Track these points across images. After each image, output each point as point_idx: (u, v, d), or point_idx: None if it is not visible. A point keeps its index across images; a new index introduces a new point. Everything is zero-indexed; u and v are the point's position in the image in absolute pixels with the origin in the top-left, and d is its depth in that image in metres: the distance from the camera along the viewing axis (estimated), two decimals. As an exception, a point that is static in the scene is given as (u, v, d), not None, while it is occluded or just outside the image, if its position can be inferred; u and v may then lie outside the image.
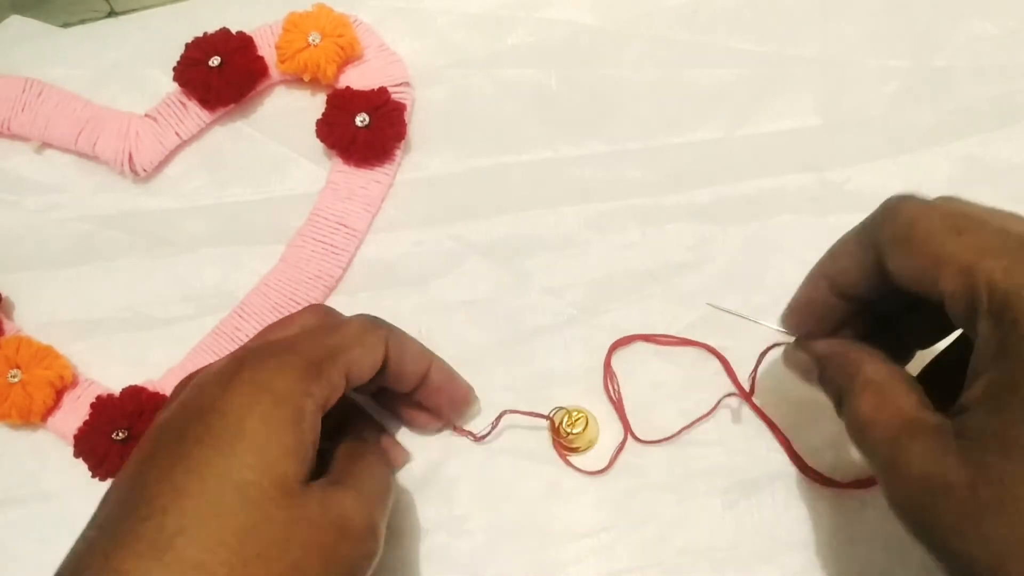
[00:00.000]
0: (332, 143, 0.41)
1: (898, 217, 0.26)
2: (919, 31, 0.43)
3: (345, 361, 0.30)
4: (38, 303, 0.41)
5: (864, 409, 0.27)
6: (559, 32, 0.44)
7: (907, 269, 0.26)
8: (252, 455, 0.26)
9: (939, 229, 0.25)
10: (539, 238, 0.40)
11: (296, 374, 0.28)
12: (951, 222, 0.25)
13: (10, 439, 0.39)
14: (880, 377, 0.28)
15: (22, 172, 0.43)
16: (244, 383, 0.27)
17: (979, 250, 0.24)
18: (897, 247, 0.26)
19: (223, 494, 0.25)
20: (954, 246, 0.25)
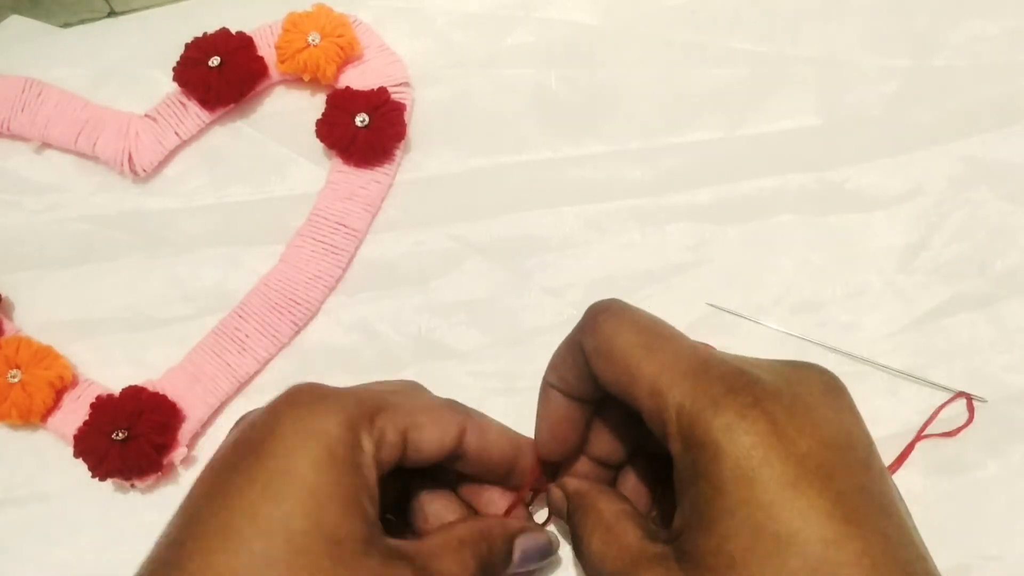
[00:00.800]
0: (332, 143, 0.41)
1: (598, 330, 0.27)
2: (919, 31, 0.43)
3: (403, 422, 0.28)
4: (38, 303, 0.41)
5: (595, 546, 0.28)
6: (559, 32, 0.44)
7: (609, 381, 0.27)
8: (305, 503, 0.24)
9: (633, 346, 0.26)
10: (539, 238, 0.40)
11: (348, 420, 0.26)
12: (644, 339, 0.26)
13: (10, 439, 0.39)
14: (610, 515, 0.29)
15: (22, 172, 0.43)
16: (295, 423, 0.26)
17: (667, 371, 0.25)
18: (598, 360, 0.27)
19: (273, 540, 0.23)
20: (646, 365, 0.26)
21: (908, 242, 0.39)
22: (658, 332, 0.27)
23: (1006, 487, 0.35)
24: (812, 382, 0.25)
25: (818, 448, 0.23)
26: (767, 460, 0.23)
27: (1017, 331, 0.37)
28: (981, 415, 0.35)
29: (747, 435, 0.23)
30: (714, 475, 0.23)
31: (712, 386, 0.24)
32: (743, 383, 0.24)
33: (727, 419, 0.23)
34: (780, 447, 0.23)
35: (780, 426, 0.23)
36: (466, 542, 0.29)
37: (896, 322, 0.38)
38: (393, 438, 0.28)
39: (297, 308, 0.39)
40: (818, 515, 0.22)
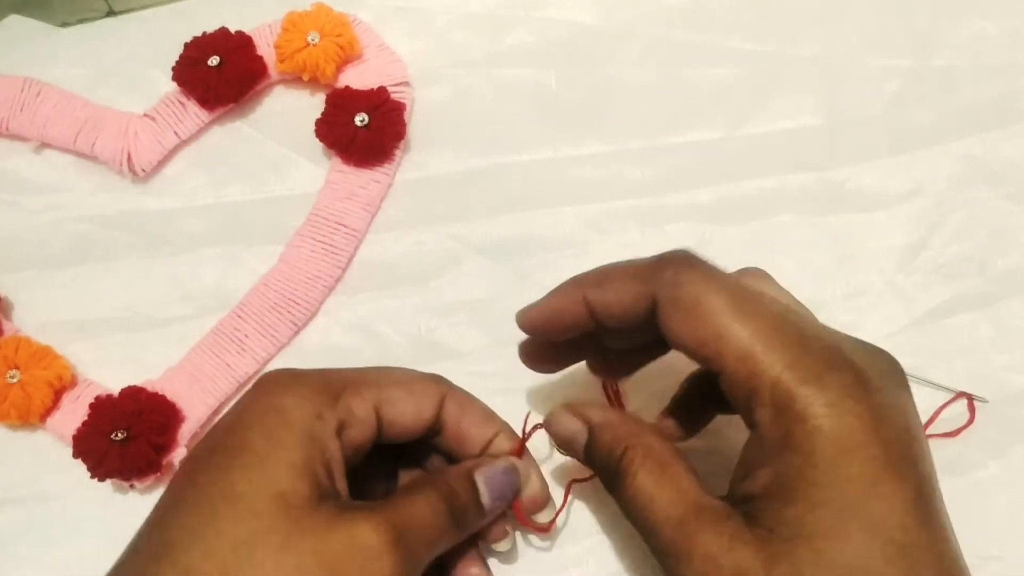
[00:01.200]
0: (331, 143, 0.41)
1: (679, 284, 0.26)
2: (919, 31, 0.43)
3: (374, 396, 0.29)
4: (37, 303, 0.41)
5: (647, 485, 0.27)
6: (559, 32, 0.44)
7: (686, 337, 0.26)
8: (252, 470, 0.25)
9: (723, 306, 0.26)
10: (539, 238, 0.40)
11: (307, 395, 0.27)
12: (736, 303, 0.26)
13: (9, 440, 0.38)
14: (660, 453, 0.28)
15: (21, 172, 0.43)
16: (257, 401, 0.28)
17: (762, 338, 0.25)
18: (676, 314, 0.26)
19: (217, 505, 0.25)
20: (738, 329, 0.25)
21: (908, 242, 0.39)
22: (747, 296, 0.26)
23: (1007, 487, 0.35)
24: (891, 369, 0.26)
25: (902, 435, 0.24)
26: (865, 442, 0.23)
27: (1017, 331, 0.37)
28: (982, 415, 0.35)
29: (849, 415, 0.24)
30: (809, 448, 0.23)
31: (814, 361, 0.24)
32: (843, 362, 0.25)
33: (831, 396, 0.24)
34: (875, 430, 0.24)
35: (877, 410, 0.24)
36: (430, 485, 0.29)
37: (896, 322, 0.38)
38: (363, 413, 0.28)
39: (296, 308, 0.39)
40: (902, 502, 0.23)
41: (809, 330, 0.26)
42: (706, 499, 0.26)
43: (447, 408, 0.31)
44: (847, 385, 0.24)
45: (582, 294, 0.29)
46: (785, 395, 0.24)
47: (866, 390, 0.24)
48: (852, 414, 0.24)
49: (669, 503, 0.26)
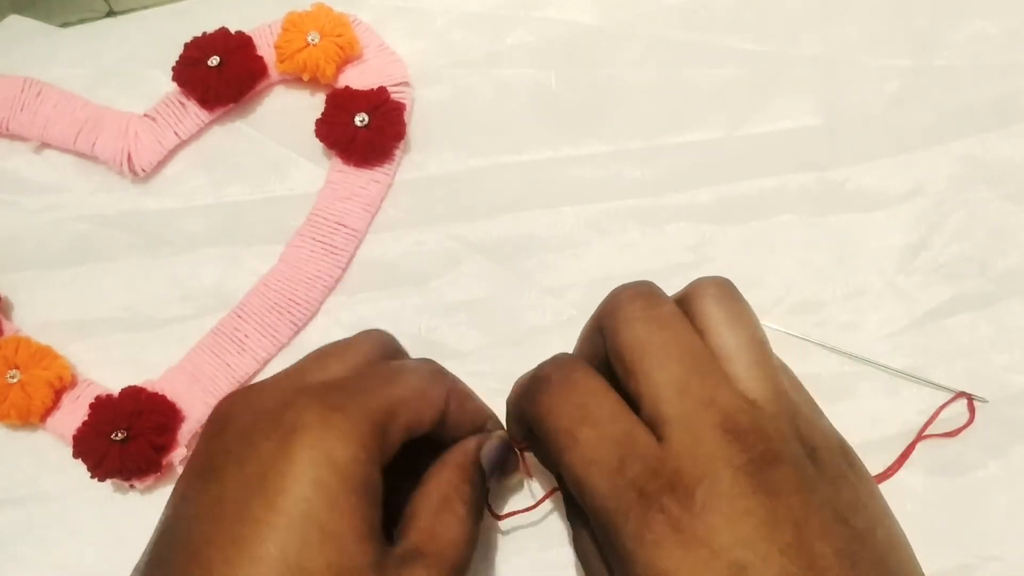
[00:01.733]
0: (331, 143, 0.41)
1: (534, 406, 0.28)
2: (919, 31, 0.43)
3: (407, 418, 0.27)
4: (37, 303, 0.41)
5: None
6: (559, 32, 0.44)
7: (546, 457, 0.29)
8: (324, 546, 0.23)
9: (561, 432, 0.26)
10: (539, 238, 0.40)
11: (360, 439, 0.25)
12: (570, 426, 0.26)
13: (9, 440, 0.38)
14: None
15: (21, 172, 0.43)
16: (306, 449, 0.24)
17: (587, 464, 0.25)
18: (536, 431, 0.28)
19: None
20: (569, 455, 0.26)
21: (908, 242, 0.39)
22: (586, 415, 0.26)
23: (1007, 487, 0.35)
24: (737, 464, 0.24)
25: (731, 544, 0.23)
26: (673, 568, 0.23)
27: (1017, 331, 0.37)
28: (982, 415, 0.35)
29: (652, 545, 0.23)
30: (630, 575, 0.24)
31: (625, 491, 0.24)
32: (655, 487, 0.24)
33: (635, 527, 0.23)
34: (687, 553, 0.23)
35: (687, 531, 0.23)
36: (451, 496, 0.28)
37: (896, 322, 0.38)
38: (398, 439, 0.27)
39: (296, 308, 0.39)
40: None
41: (639, 446, 0.25)
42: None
43: (450, 406, 0.30)
44: (650, 510, 0.23)
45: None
46: (603, 527, 0.25)
47: (674, 513, 0.23)
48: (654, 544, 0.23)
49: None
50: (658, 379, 0.25)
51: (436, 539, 0.27)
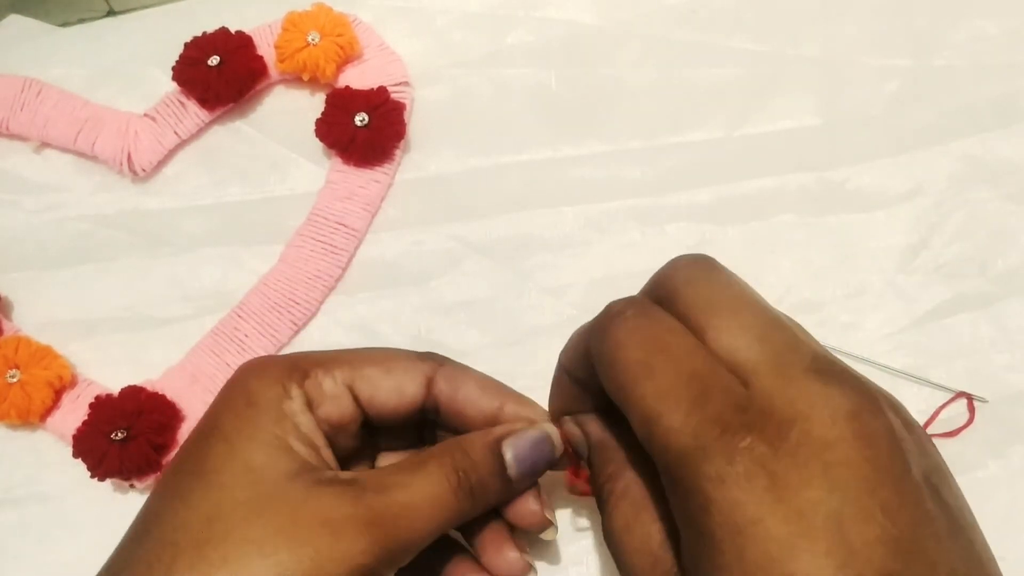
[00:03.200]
0: (331, 142, 0.41)
1: (605, 336, 0.25)
2: (919, 31, 0.43)
3: (346, 375, 0.29)
4: (37, 303, 0.41)
5: (617, 528, 0.26)
6: (559, 32, 0.44)
7: (612, 394, 0.25)
8: (221, 447, 0.26)
9: (633, 361, 0.24)
10: (539, 238, 0.40)
11: (274, 377, 0.28)
12: (646, 355, 0.23)
13: (9, 439, 0.38)
14: (636, 495, 0.26)
15: (21, 172, 0.43)
16: (229, 389, 0.28)
17: (661, 398, 0.22)
18: (600, 367, 0.25)
19: (190, 483, 0.25)
20: (641, 388, 0.23)
21: (908, 242, 0.39)
22: (664, 346, 0.23)
23: (1006, 487, 0.35)
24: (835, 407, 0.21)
25: (827, 495, 0.20)
26: (758, 517, 0.20)
27: (1017, 331, 0.37)
28: (981, 415, 0.35)
29: (736, 488, 0.20)
30: (704, 527, 0.21)
31: (705, 425, 0.21)
32: (740, 422, 0.21)
33: (716, 467, 0.21)
34: (776, 500, 0.20)
35: (778, 476, 0.20)
36: (432, 456, 0.27)
37: (896, 322, 0.38)
38: (335, 390, 0.28)
39: (296, 308, 0.39)
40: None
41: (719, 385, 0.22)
42: (664, 556, 0.24)
43: (437, 386, 0.29)
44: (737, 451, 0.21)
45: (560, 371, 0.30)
46: (676, 464, 0.22)
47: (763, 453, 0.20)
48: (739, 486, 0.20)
49: (635, 552, 0.25)
50: (734, 328, 0.23)
51: (385, 481, 0.26)
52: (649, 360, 0.23)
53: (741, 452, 0.21)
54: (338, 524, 0.24)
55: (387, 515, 0.25)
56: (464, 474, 0.27)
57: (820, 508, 0.20)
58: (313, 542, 0.24)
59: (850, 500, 0.20)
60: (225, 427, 0.27)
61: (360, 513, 0.25)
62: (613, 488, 0.27)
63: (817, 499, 0.20)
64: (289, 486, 0.25)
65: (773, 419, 0.21)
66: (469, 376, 0.30)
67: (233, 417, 0.27)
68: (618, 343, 0.24)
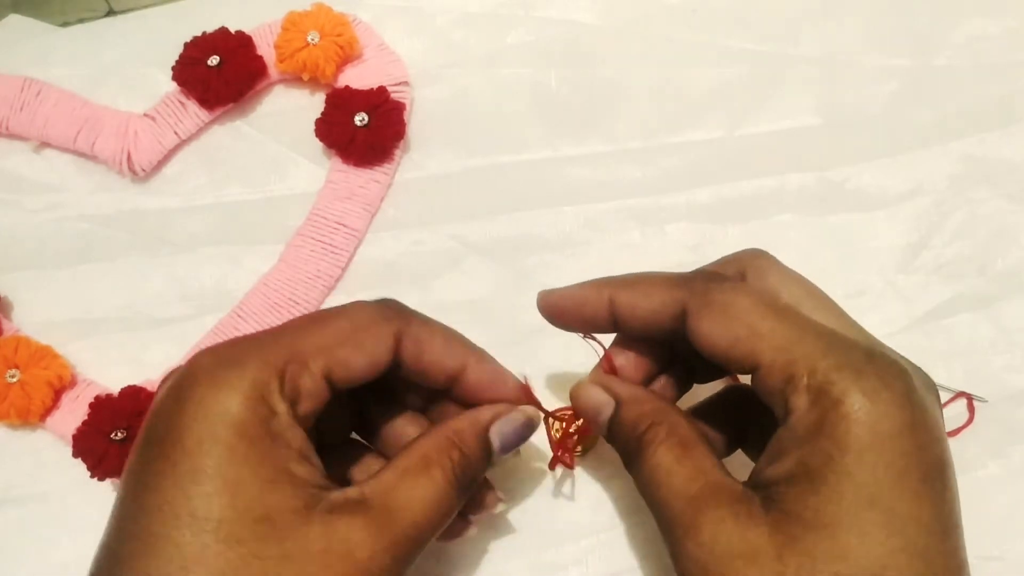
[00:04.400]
0: (331, 142, 0.41)
1: (712, 296, 0.27)
2: (919, 31, 0.43)
3: (321, 363, 0.26)
4: (37, 303, 0.41)
5: (666, 460, 0.26)
6: (558, 31, 0.44)
7: (720, 337, 0.26)
8: (223, 493, 0.23)
9: (758, 308, 0.26)
10: (539, 238, 0.40)
11: (250, 390, 0.25)
12: (770, 305, 0.26)
13: (9, 439, 0.38)
14: (684, 431, 0.27)
15: (21, 171, 0.43)
16: (197, 406, 0.24)
17: (799, 332, 0.25)
18: (712, 315, 0.26)
19: (200, 537, 0.23)
20: (774, 324, 0.25)
21: (908, 242, 0.39)
22: (780, 301, 0.27)
23: (1006, 487, 0.35)
24: (927, 382, 0.26)
25: (936, 442, 0.24)
26: (900, 436, 0.23)
27: (1017, 331, 0.37)
28: (981, 415, 0.35)
29: (887, 405, 0.23)
30: (841, 434, 0.23)
31: (852, 352, 0.24)
32: (883, 357, 0.25)
33: (869, 385, 0.23)
34: (911, 428, 0.23)
35: (914, 409, 0.23)
36: (431, 458, 0.27)
37: (896, 322, 0.38)
38: (312, 385, 0.26)
39: (296, 308, 0.39)
40: (930, 506, 0.23)
41: (842, 332, 0.26)
42: (726, 480, 0.26)
43: (404, 348, 0.28)
44: (886, 377, 0.24)
45: (608, 294, 0.29)
46: (823, 381, 0.24)
47: (905, 387, 0.24)
48: (891, 405, 0.23)
49: (687, 479, 0.26)
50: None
51: (392, 496, 0.26)
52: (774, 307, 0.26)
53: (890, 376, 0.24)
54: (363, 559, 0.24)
55: (404, 537, 0.25)
56: (462, 469, 0.27)
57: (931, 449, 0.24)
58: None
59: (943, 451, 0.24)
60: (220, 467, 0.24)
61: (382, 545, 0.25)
62: (658, 431, 0.27)
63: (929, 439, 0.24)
64: (307, 527, 0.24)
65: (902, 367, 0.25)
66: (434, 334, 0.29)
67: (227, 456, 0.24)
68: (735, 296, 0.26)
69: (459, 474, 0.27)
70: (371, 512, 0.25)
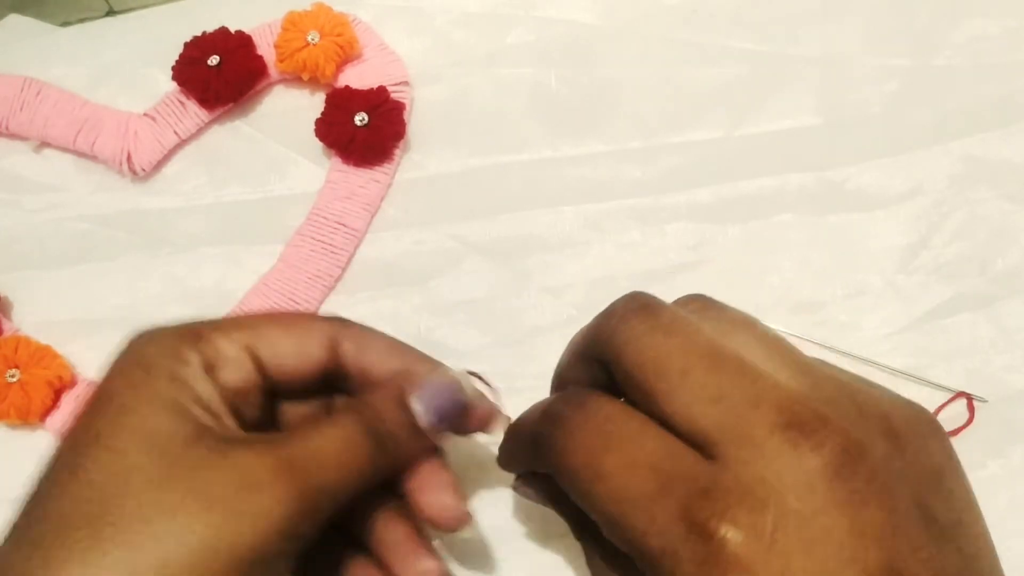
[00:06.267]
0: (331, 142, 0.41)
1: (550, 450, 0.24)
2: (919, 30, 0.43)
3: (245, 336, 0.27)
4: (36, 302, 0.41)
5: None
6: (558, 31, 0.44)
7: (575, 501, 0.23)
8: (116, 415, 0.24)
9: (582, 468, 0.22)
10: (539, 238, 0.40)
11: (167, 342, 0.26)
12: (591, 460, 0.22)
13: (8, 439, 0.38)
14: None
15: (20, 171, 0.43)
16: (121, 357, 0.26)
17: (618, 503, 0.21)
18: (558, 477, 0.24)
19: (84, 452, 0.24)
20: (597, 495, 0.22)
21: (908, 242, 0.39)
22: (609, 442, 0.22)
23: (1006, 487, 0.35)
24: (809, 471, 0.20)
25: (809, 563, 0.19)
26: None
27: (1017, 331, 0.37)
28: (981, 415, 0.35)
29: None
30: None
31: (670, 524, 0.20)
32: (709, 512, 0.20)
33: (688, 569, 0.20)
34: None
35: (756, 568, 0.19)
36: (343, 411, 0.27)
37: (896, 322, 0.38)
38: (232, 353, 0.26)
39: (296, 308, 0.39)
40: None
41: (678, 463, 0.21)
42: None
43: (344, 349, 0.28)
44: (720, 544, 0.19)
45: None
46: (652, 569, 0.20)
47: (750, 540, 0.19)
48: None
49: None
50: (685, 392, 0.21)
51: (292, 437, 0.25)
52: (594, 462, 0.22)
53: (713, 549, 0.19)
54: (249, 477, 0.23)
55: (299, 461, 0.24)
56: (372, 424, 0.26)
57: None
58: (225, 501, 0.22)
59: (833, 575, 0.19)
60: (118, 393, 0.25)
61: (270, 462, 0.23)
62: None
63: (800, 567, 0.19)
64: (192, 449, 0.23)
65: (745, 500, 0.19)
66: (376, 337, 0.29)
67: (126, 383, 0.25)
68: (562, 450, 0.23)
69: (370, 425, 0.26)
70: (268, 443, 0.24)
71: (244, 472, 0.23)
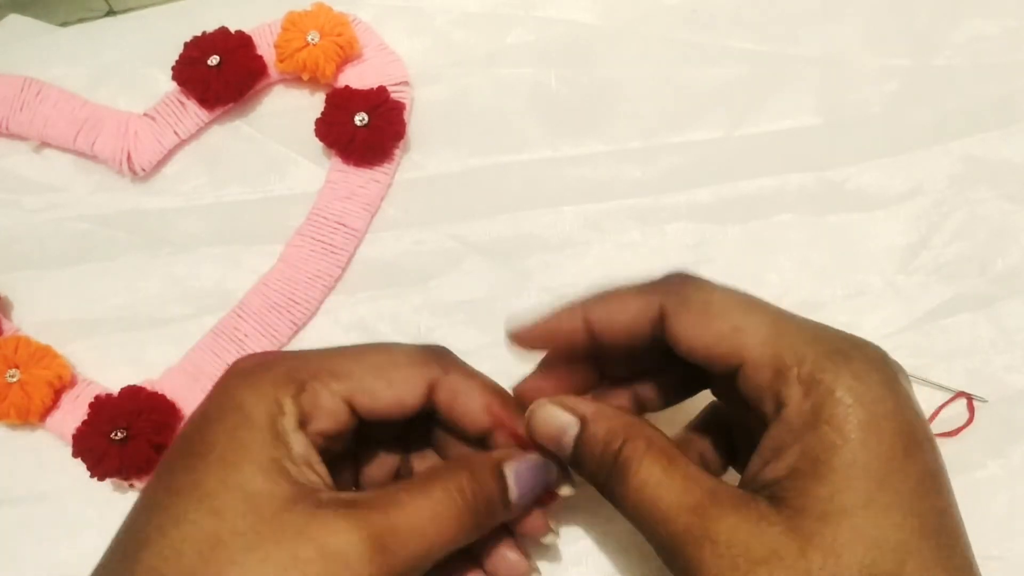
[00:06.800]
0: (331, 142, 0.41)
1: (691, 291, 0.27)
2: (919, 30, 0.43)
3: (345, 387, 0.27)
4: (37, 302, 0.41)
5: (654, 474, 0.25)
6: (558, 31, 0.44)
7: (700, 337, 0.26)
8: (218, 470, 0.24)
9: (736, 304, 0.26)
10: (539, 238, 0.40)
11: (267, 390, 0.26)
12: (746, 301, 0.26)
13: (8, 439, 0.38)
14: (663, 442, 0.26)
15: (20, 171, 0.43)
16: (219, 399, 0.26)
17: (782, 325, 0.26)
18: (691, 314, 0.26)
19: (185, 505, 0.24)
20: (756, 319, 0.26)
21: (908, 242, 0.39)
22: (753, 297, 0.27)
23: (1006, 487, 0.35)
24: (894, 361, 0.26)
25: (919, 417, 0.25)
26: (892, 416, 0.23)
27: (1017, 331, 0.37)
28: (981, 415, 0.35)
29: (877, 387, 0.24)
30: (840, 422, 0.23)
31: (835, 340, 0.25)
32: (863, 343, 0.25)
33: (861, 368, 0.24)
34: (899, 407, 0.24)
35: (899, 386, 0.24)
36: (440, 475, 0.27)
37: (896, 322, 0.38)
38: (331, 405, 0.27)
39: (296, 308, 0.39)
40: (930, 479, 0.24)
41: (817, 324, 0.26)
42: (723, 486, 0.25)
43: (438, 395, 0.29)
44: (873, 360, 0.25)
45: (581, 313, 0.28)
46: (813, 370, 0.24)
47: (889, 369, 0.25)
48: (881, 387, 0.24)
49: (681, 491, 0.25)
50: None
51: (386, 505, 0.25)
52: (750, 303, 0.26)
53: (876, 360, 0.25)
54: (342, 550, 0.23)
55: (391, 535, 0.24)
56: (472, 494, 0.27)
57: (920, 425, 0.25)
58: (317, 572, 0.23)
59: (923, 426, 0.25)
60: (219, 444, 0.25)
61: (364, 536, 0.24)
62: (636, 446, 0.26)
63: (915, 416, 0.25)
64: (289, 514, 0.24)
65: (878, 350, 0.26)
66: (472, 387, 0.29)
67: (226, 435, 0.25)
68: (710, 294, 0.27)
69: (470, 496, 0.26)
70: (363, 512, 0.25)
71: (336, 546, 0.24)
